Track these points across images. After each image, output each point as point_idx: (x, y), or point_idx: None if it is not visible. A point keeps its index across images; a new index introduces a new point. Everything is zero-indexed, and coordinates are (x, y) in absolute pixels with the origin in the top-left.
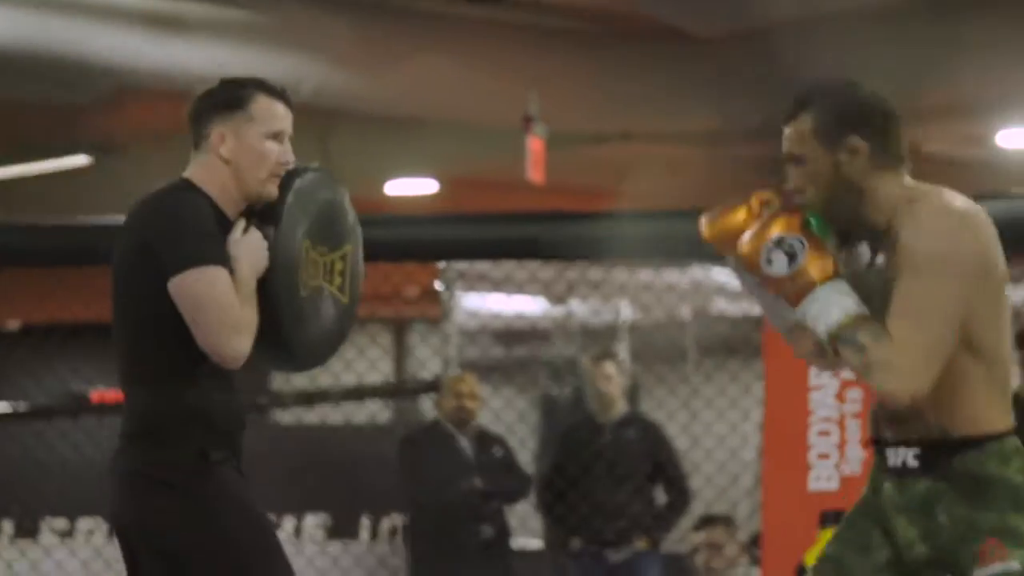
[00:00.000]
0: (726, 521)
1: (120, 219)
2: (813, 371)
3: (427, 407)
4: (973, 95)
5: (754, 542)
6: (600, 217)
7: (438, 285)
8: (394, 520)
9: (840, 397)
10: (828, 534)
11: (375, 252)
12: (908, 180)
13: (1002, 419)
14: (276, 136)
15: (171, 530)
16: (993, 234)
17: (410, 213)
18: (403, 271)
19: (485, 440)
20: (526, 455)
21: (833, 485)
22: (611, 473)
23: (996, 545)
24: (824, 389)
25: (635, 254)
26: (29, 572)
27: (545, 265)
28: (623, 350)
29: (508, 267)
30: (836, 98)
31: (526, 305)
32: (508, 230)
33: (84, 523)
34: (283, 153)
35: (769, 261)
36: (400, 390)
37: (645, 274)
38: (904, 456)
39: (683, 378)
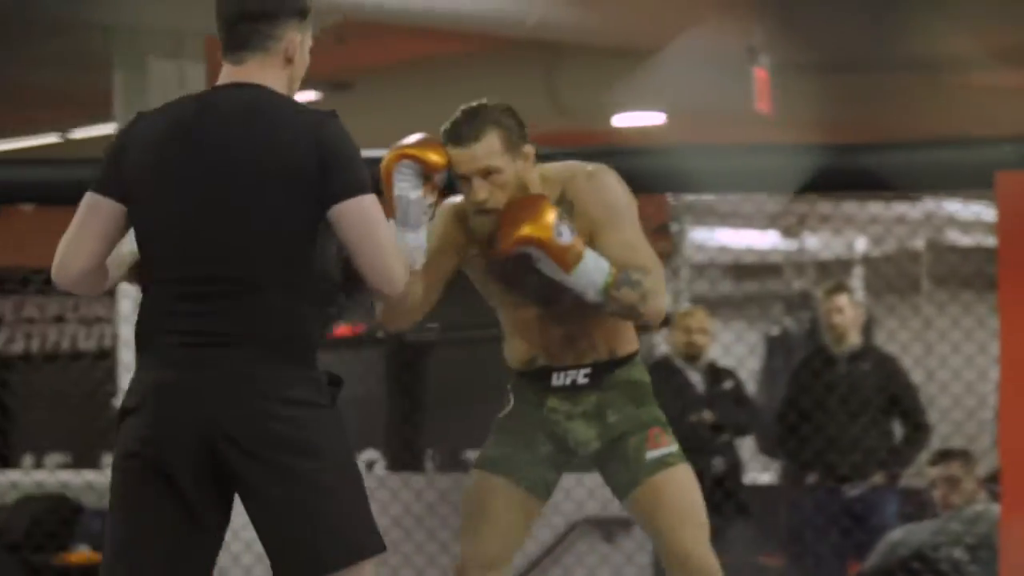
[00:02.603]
0: (964, 456)
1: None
2: None
3: (659, 341)
4: None
5: (993, 478)
6: (828, 149)
7: (668, 220)
8: None
9: None
10: None
11: None
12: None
13: (636, 339)
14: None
15: (308, 447)
16: None
17: (638, 145)
18: None
19: (716, 374)
20: (756, 389)
21: None
22: (845, 406)
23: (659, 432)
24: None
25: (872, 186)
26: None
27: (773, 198)
28: (857, 283)
29: (736, 200)
30: (508, 117)
31: (756, 239)
32: (740, 161)
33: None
34: None
35: (560, 233)
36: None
37: (876, 206)
38: (574, 376)
39: (916, 310)
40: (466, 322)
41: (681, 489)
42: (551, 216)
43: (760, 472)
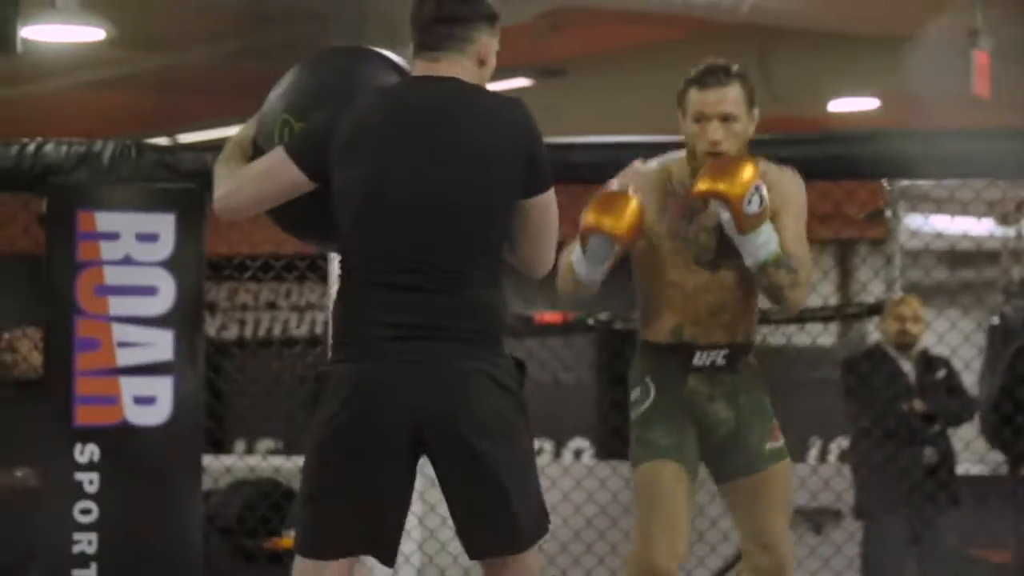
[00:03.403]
0: None
1: (559, 140)
2: None
3: (872, 329)
4: None
5: None
6: None
7: (882, 205)
8: (843, 444)
9: None
10: None
11: (817, 170)
12: None
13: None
14: None
15: (509, 433)
16: None
17: (853, 130)
18: (844, 190)
19: (929, 363)
20: (972, 378)
21: None
22: None
23: (777, 426)
24: None
25: None
26: None
27: (992, 184)
28: None
29: (952, 186)
30: (749, 78)
31: (972, 225)
32: (953, 147)
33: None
34: None
35: (750, 202)
36: (843, 313)
37: None
38: (713, 357)
39: None
40: None
41: (787, 482)
42: (750, 182)
43: (974, 463)
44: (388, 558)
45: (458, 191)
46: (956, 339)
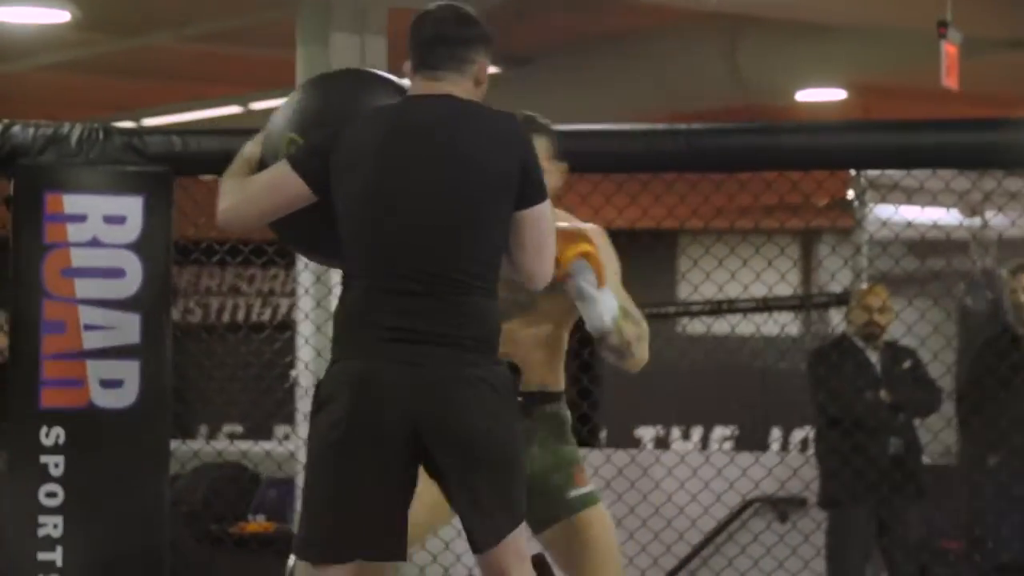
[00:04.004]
0: None
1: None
2: None
3: (838, 319)
4: None
5: None
6: (1012, 123)
7: (849, 195)
8: (806, 432)
9: None
10: None
11: (785, 160)
12: None
13: (563, 381)
14: None
15: (503, 434)
16: None
17: (821, 120)
18: (812, 180)
19: (895, 353)
20: (940, 368)
21: None
22: None
23: (581, 471)
24: None
25: None
26: None
27: (959, 175)
28: None
29: (920, 176)
30: (552, 130)
31: (939, 216)
32: (922, 137)
33: None
34: None
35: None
36: (809, 302)
37: None
38: None
39: None
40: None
41: (603, 528)
42: (593, 243)
43: (942, 454)
44: (398, 554)
45: (455, 203)
46: (925, 329)
